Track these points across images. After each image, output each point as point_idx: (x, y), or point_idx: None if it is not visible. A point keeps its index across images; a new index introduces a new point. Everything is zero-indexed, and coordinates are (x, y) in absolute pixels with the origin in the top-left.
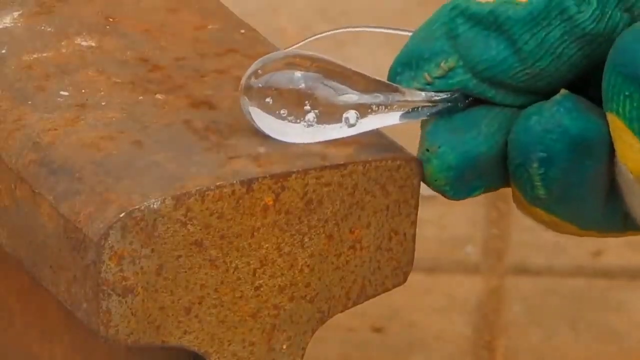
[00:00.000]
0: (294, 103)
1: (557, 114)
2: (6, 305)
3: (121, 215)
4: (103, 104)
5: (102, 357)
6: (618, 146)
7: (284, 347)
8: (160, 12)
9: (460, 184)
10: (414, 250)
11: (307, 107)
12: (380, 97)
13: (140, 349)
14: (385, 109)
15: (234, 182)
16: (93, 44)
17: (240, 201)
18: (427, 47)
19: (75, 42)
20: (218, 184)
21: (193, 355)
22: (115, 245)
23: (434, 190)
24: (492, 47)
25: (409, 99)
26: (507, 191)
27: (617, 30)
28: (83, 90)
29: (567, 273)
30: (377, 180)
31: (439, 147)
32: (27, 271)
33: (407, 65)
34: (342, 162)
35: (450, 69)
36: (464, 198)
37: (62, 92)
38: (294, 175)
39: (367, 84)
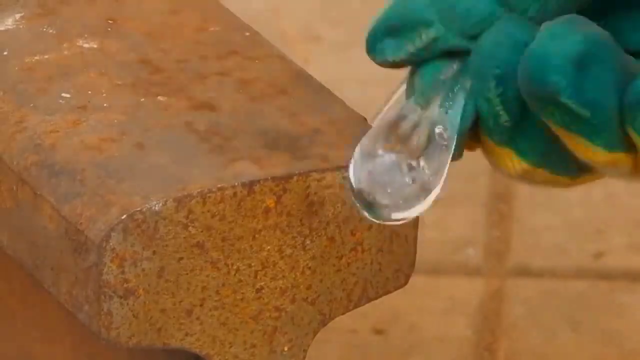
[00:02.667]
0: (404, 175)
1: (506, 27)
2: (7, 307)
3: (123, 217)
4: (105, 105)
5: (103, 359)
6: (567, 144)
7: (286, 349)
8: (161, 14)
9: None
10: (415, 252)
11: (414, 163)
12: (437, 99)
13: (141, 351)
14: (448, 100)
15: (236, 184)
16: (95, 46)
17: (242, 203)
18: (408, 15)
19: (77, 44)
20: (219, 186)
21: (194, 357)
22: (117, 247)
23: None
24: (479, 1)
25: (445, 84)
26: (508, 192)
27: None
28: (85, 92)
29: (569, 275)
30: None
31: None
32: (28, 273)
33: (389, 34)
34: (343, 164)
35: (433, 40)
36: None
37: (63, 94)
38: (295, 178)
39: (414, 104)
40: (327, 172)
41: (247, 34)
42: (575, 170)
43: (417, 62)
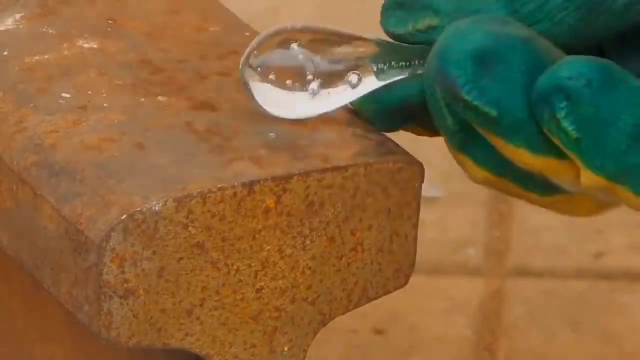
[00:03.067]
0: (296, 75)
1: (469, 27)
2: (7, 307)
3: (123, 217)
4: (105, 105)
5: (103, 359)
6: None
7: (285, 349)
8: (162, 14)
9: (386, 118)
10: (415, 252)
11: (310, 77)
12: (377, 56)
13: (141, 351)
14: (384, 66)
15: (236, 184)
16: (95, 46)
17: (242, 203)
18: None
19: (77, 44)
20: (219, 186)
21: (194, 357)
22: (117, 247)
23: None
24: (490, 3)
25: (402, 56)
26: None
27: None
28: (85, 92)
29: (569, 275)
30: (379, 183)
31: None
32: (28, 273)
33: (400, 6)
34: (343, 164)
35: (431, 28)
36: (389, 131)
37: (63, 94)
38: (295, 177)
39: (364, 44)
40: (327, 172)
41: (247, 34)
42: (540, 185)
43: (413, 42)
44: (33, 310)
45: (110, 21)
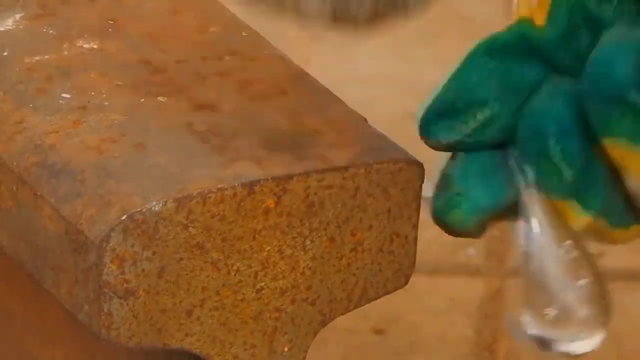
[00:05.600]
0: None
1: (553, 86)
2: (7, 307)
3: (123, 218)
4: (105, 105)
5: (103, 359)
6: (629, 168)
7: (286, 349)
8: (162, 15)
9: (485, 225)
10: (415, 252)
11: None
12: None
13: (141, 351)
14: None
15: (236, 184)
16: (95, 47)
17: (242, 204)
18: (460, 98)
19: (77, 44)
20: (220, 186)
21: (194, 357)
22: (117, 248)
23: (453, 233)
24: (531, 70)
25: None
26: None
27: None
28: (85, 93)
29: None
30: (379, 183)
31: (471, 191)
32: (28, 273)
33: (442, 116)
34: (343, 165)
35: (486, 119)
36: (477, 236)
37: (64, 95)
38: (295, 178)
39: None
40: (327, 172)
41: (247, 34)
42: (630, 219)
43: (470, 144)
44: (33, 310)
45: (110, 22)
